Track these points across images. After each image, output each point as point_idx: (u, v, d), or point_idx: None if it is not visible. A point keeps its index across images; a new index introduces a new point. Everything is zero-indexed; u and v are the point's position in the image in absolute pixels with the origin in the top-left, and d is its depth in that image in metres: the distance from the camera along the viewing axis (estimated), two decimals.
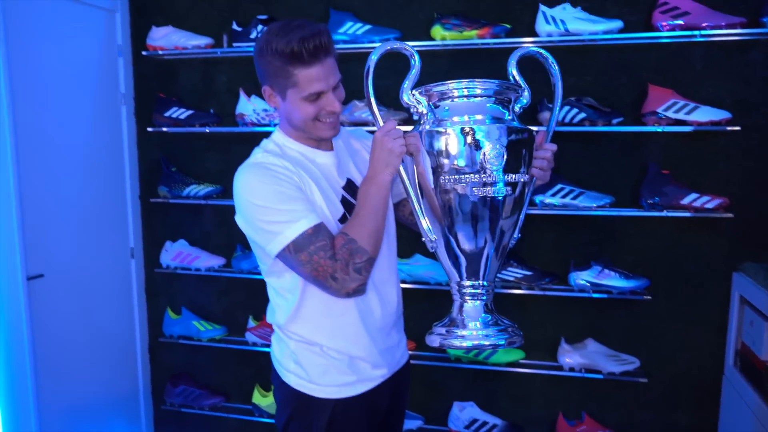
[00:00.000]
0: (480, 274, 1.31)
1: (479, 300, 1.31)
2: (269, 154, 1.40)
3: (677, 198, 2.18)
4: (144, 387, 2.82)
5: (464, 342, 1.28)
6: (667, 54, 2.21)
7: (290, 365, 1.47)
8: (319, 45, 1.28)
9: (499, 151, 1.24)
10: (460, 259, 1.31)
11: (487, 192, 1.25)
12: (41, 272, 2.17)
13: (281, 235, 1.30)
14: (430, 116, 1.31)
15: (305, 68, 1.29)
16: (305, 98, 1.32)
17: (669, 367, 2.33)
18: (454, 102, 1.30)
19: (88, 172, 2.49)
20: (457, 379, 2.52)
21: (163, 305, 2.77)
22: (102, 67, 2.56)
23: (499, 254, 1.33)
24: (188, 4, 2.60)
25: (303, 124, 1.38)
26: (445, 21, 2.29)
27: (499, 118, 1.28)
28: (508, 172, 1.26)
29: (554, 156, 1.37)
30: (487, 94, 1.29)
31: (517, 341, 1.29)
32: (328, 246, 1.31)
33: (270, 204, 1.31)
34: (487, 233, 1.29)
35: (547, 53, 1.34)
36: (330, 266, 1.30)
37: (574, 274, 2.29)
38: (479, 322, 1.30)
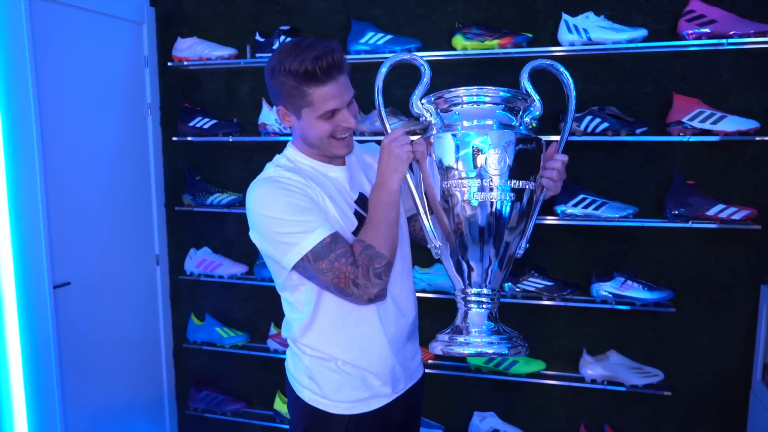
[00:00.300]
0: (484, 282, 1.31)
1: (483, 308, 1.31)
2: (281, 169, 1.42)
3: (703, 209, 2.14)
4: (168, 391, 2.86)
5: (467, 349, 1.28)
6: (693, 62, 2.17)
7: (304, 380, 1.47)
8: (333, 63, 1.29)
9: (501, 155, 1.25)
10: (464, 266, 1.32)
11: (488, 197, 1.26)
12: (68, 280, 2.22)
13: (298, 245, 1.31)
14: (437, 122, 1.34)
15: (320, 87, 1.30)
16: (321, 116, 1.34)
17: (694, 380, 2.29)
18: (463, 108, 1.32)
19: (115, 181, 2.55)
20: (477, 388, 2.51)
21: (188, 311, 2.81)
22: (129, 78, 2.62)
23: (504, 263, 1.33)
24: (213, 15, 2.64)
25: (319, 142, 1.39)
26: (467, 30, 2.29)
27: (506, 125, 1.29)
28: (513, 179, 1.26)
29: (565, 167, 1.36)
30: (495, 101, 1.30)
31: (522, 351, 1.28)
32: (348, 252, 1.32)
33: (284, 216, 1.32)
34: (491, 241, 1.29)
35: (559, 65, 1.34)
36: (352, 272, 1.31)
37: (597, 285, 2.26)
38: (483, 329, 1.29)
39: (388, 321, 1.47)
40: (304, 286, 1.42)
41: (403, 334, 1.52)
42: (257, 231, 1.39)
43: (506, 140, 1.26)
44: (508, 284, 2.34)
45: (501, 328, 1.32)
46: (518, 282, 2.33)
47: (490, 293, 1.32)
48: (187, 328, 2.77)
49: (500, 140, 1.25)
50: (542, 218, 2.28)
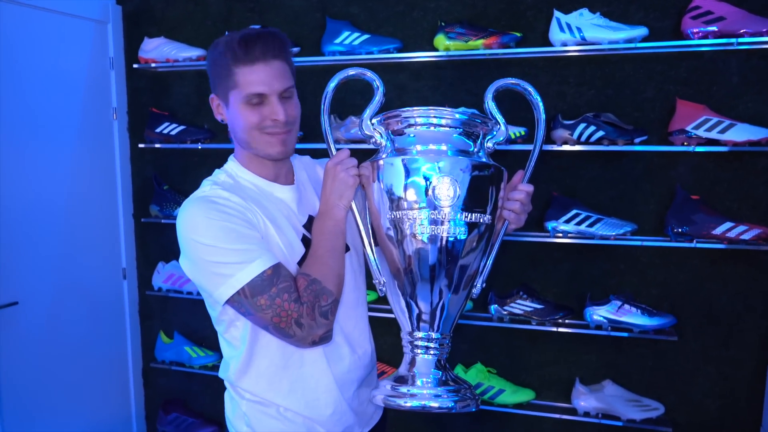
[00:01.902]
0: (433, 326, 1.17)
1: (431, 354, 1.17)
2: (218, 187, 1.24)
3: (708, 227, 1.93)
4: (137, 413, 2.70)
5: (409, 401, 1.13)
6: (699, 64, 1.96)
7: (242, 427, 1.30)
8: (264, 43, 1.17)
9: (452, 185, 1.10)
10: (412, 306, 1.17)
11: (437, 231, 1.12)
12: (15, 300, 2.06)
13: (233, 277, 1.13)
14: (388, 146, 1.19)
15: (246, 67, 1.17)
16: (246, 102, 1.18)
17: (698, 415, 2.08)
18: (417, 130, 1.17)
19: (78, 190, 2.38)
20: (461, 418, 2.32)
21: (157, 329, 2.65)
22: (93, 81, 2.45)
23: (456, 304, 1.18)
24: (182, 14, 2.47)
25: (248, 136, 1.22)
26: (449, 30, 2.09)
27: (463, 151, 1.14)
28: (467, 211, 1.11)
29: (530, 199, 1.22)
30: (452, 124, 1.15)
31: (471, 405, 1.14)
32: (292, 287, 1.15)
33: (219, 243, 1.14)
34: (442, 280, 1.14)
35: (527, 85, 1.20)
36: (295, 310, 1.14)
37: (590, 309, 2.06)
38: (429, 379, 1.15)
39: (337, 361, 1.29)
40: (240, 322, 1.24)
41: (356, 375, 1.34)
42: (187, 258, 1.20)
43: (460, 168, 1.11)
44: (494, 306, 2.14)
45: (450, 377, 1.17)
46: (505, 304, 2.13)
47: (439, 338, 1.17)
48: (156, 347, 2.60)
49: (453, 168, 1.11)
50: (532, 235, 2.09)
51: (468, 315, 2.20)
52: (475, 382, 2.19)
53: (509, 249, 2.18)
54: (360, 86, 2.31)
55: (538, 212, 2.12)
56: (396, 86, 2.23)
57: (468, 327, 2.25)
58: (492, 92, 1.20)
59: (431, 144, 1.15)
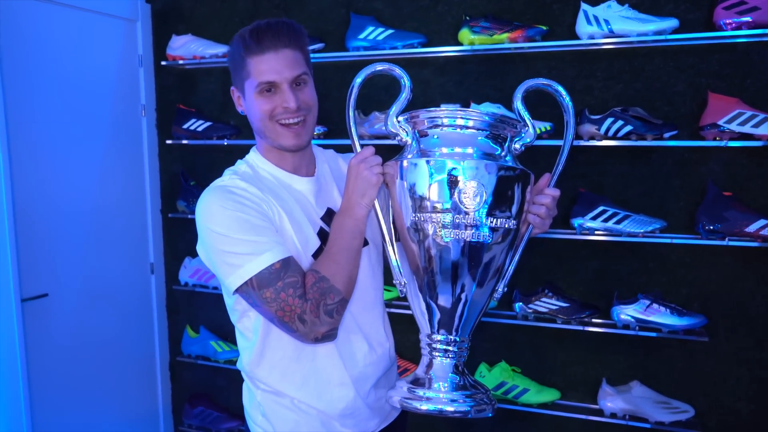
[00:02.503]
0: (453, 328, 1.16)
1: (449, 358, 1.16)
2: (237, 177, 1.25)
3: (741, 224, 1.87)
4: (164, 406, 2.73)
5: (425, 405, 1.12)
6: (733, 57, 1.90)
7: (258, 417, 1.31)
8: (274, 33, 1.19)
9: (478, 189, 1.08)
10: (432, 308, 1.16)
11: (461, 235, 1.10)
12: (45, 292, 2.10)
13: (242, 268, 1.14)
14: (414, 146, 1.17)
15: (257, 56, 1.19)
16: (258, 91, 1.20)
17: (729, 419, 2.02)
18: (442, 131, 1.15)
19: (107, 186, 2.43)
20: (486, 418, 2.28)
21: (184, 323, 2.68)
22: (122, 78, 2.50)
23: (477, 308, 1.17)
24: (209, 11, 2.50)
25: (262, 126, 1.24)
26: (474, 24, 2.07)
27: (489, 154, 1.12)
28: (492, 215, 1.09)
29: (556, 203, 1.20)
30: (479, 126, 1.13)
31: (486, 410, 1.13)
32: (298, 283, 1.15)
33: (231, 233, 1.15)
34: (463, 282, 1.13)
35: (558, 86, 1.17)
36: (299, 306, 1.14)
37: (618, 308, 2.01)
38: (446, 383, 1.14)
39: (352, 357, 1.29)
40: (253, 313, 1.25)
41: (372, 371, 1.33)
42: (202, 245, 1.23)
43: (486, 172, 1.09)
44: (519, 304, 2.11)
45: (467, 381, 1.16)
46: (530, 302, 2.10)
47: (458, 341, 1.16)
48: (182, 341, 2.63)
49: (479, 172, 1.09)
50: (558, 232, 2.05)
51: (492, 313, 2.17)
52: (499, 381, 2.17)
53: (535, 247, 2.14)
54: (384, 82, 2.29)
55: (564, 209, 2.08)
56: (420, 81, 2.21)
57: (492, 325, 2.22)
58: (521, 92, 1.18)
59: (457, 146, 1.13)
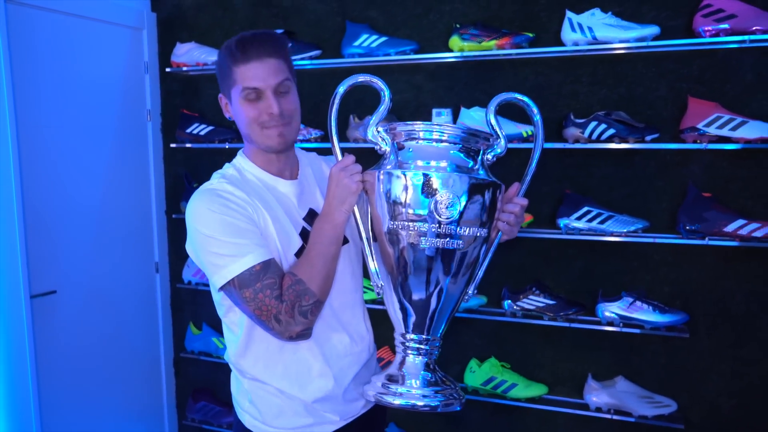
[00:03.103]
0: (425, 329, 1.24)
1: (421, 356, 1.25)
2: (225, 181, 1.32)
3: (720, 224, 1.93)
4: (168, 401, 2.83)
5: (398, 399, 1.21)
6: (712, 62, 1.97)
7: (245, 404, 1.39)
8: (260, 43, 1.26)
9: (452, 200, 1.17)
10: (407, 309, 1.24)
11: (436, 243, 1.18)
12: (53, 288, 2.20)
13: (225, 269, 1.23)
14: (392, 157, 1.25)
15: (243, 64, 1.26)
16: (244, 97, 1.27)
17: (711, 413, 2.08)
18: (419, 144, 1.23)
19: (114, 187, 2.53)
20: (475, 411, 2.36)
21: (187, 320, 2.77)
22: (129, 84, 2.60)
23: (447, 310, 1.26)
24: (212, 20, 2.59)
25: (249, 130, 1.31)
26: (464, 31, 2.14)
27: (462, 167, 1.20)
28: (465, 224, 1.18)
29: (524, 211, 1.29)
30: (453, 140, 1.21)
31: (455, 404, 1.21)
32: (276, 284, 1.23)
33: (217, 235, 1.24)
34: (436, 286, 1.22)
35: (528, 100, 1.25)
36: (274, 306, 1.22)
37: (602, 305, 2.08)
38: (418, 380, 1.22)
39: (332, 349, 1.37)
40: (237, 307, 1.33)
41: (354, 363, 1.41)
42: (191, 244, 1.31)
43: (459, 185, 1.18)
44: (508, 302, 2.18)
45: (438, 378, 1.25)
46: (518, 299, 2.17)
47: (430, 340, 1.25)
48: (186, 338, 2.73)
49: (452, 184, 1.17)
50: (545, 232, 2.12)
51: (482, 310, 2.24)
52: (488, 376, 2.24)
53: (522, 246, 2.22)
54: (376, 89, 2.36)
55: (550, 209, 2.15)
56: (413, 86, 2.29)
57: (482, 322, 2.30)
58: (494, 106, 1.25)
59: (432, 159, 1.20)
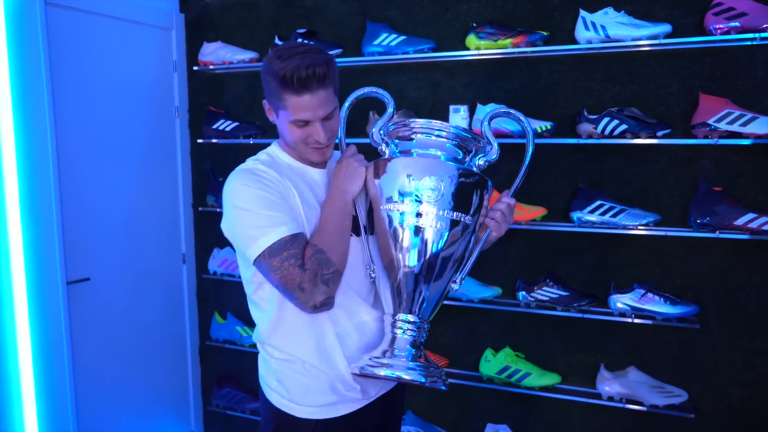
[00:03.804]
0: (413, 310, 1.34)
1: (408, 335, 1.34)
2: (259, 162, 1.43)
3: (731, 218, 1.97)
4: (194, 388, 2.94)
5: (384, 371, 1.30)
6: (724, 60, 2.01)
7: (273, 383, 1.47)
8: (312, 76, 1.28)
9: (436, 184, 1.28)
10: (396, 291, 1.34)
11: (420, 223, 1.29)
12: (87, 276, 2.32)
13: (260, 240, 1.31)
14: (392, 147, 1.40)
15: (295, 96, 1.30)
16: (293, 123, 1.34)
17: (722, 403, 2.12)
18: (418, 138, 1.37)
19: (144, 181, 2.64)
20: (491, 400, 2.43)
21: (212, 310, 2.88)
22: (158, 82, 2.71)
23: (435, 294, 1.36)
24: (238, 20, 2.69)
25: (294, 145, 1.41)
26: (480, 30, 2.21)
27: (453, 158, 1.34)
28: (447, 207, 1.29)
29: (512, 211, 1.41)
30: (448, 137, 1.35)
31: (440, 383, 1.31)
32: (299, 254, 1.31)
33: (253, 208, 1.32)
34: (422, 269, 1.32)
35: (519, 114, 1.40)
36: (298, 275, 1.30)
37: (614, 296, 2.13)
38: (405, 355, 1.33)
39: (364, 326, 1.44)
40: (268, 284, 1.40)
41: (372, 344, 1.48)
42: (227, 221, 1.39)
43: (445, 170, 1.31)
44: (522, 293, 2.25)
45: (423, 356, 1.35)
46: (532, 291, 2.23)
47: (417, 321, 1.35)
48: (211, 326, 2.83)
49: (439, 169, 1.30)
50: (559, 225, 2.18)
51: (497, 301, 2.31)
52: (503, 365, 2.30)
53: (537, 238, 2.28)
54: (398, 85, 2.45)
55: (564, 203, 2.21)
56: (430, 83, 2.37)
57: (497, 312, 2.36)
58: (488, 119, 1.39)
59: (429, 148, 1.34)
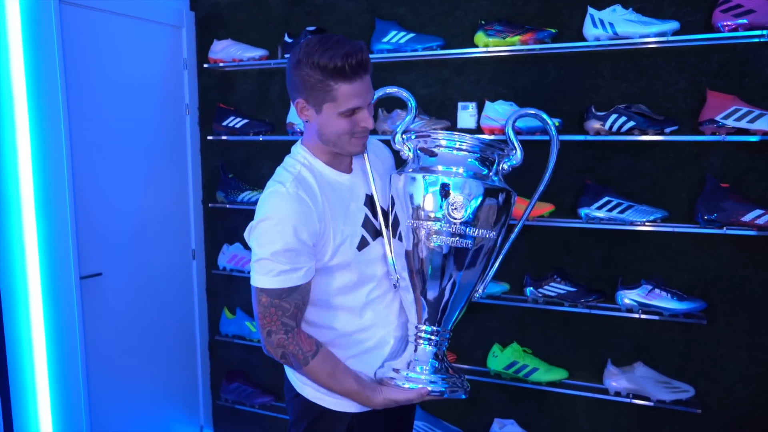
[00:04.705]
0: (436, 321, 1.38)
1: (431, 346, 1.38)
2: (300, 187, 1.33)
3: (738, 214, 1.98)
4: (203, 382, 2.96)
5: (407, 384, 1.35)
6: (731, 57, 2.02)
7: (307, 379, 1.46)
8: (361, 61, 1.28)
9: (464, 203, 1.31)
10: (420, 302, 1.38)
11: (448, 242, 1.32)
12: (99, 271, 2.34)
13: (264, 276, 1.31)
14: (414, 163, 1.41)
15: (346, 83, 1.28)
16: (342, 113, 1.31)
17: (728, 399, 2.13)
18: (440, 152, 1.37)
19: (154, 177, 2.67)
20: (498, 394, 2.44)
21: (222, 305, 2.91)
22: (168, 79, 2.73)
23: (458, 305, 1.39)
24: (247, 18, 2.72)
25: (336, 139, 1.35)
26: (488, 27, 2.23)
27: (477, 174, 1.34)
28: (475, 226, 1.32)
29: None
30: (471, 150, 1.35)
31: (460, 392, 1.36)
32: (290, 310, 1.33)
33: (273, 257, 1.30)
34: (447, 283, 1.35)
35: (545, 116, 1.39)
36: (276, 327, 1.33)
37: (622, 292, 2.15)
38: (427, 367, 1.37)
39: (403, 329, 1.48)
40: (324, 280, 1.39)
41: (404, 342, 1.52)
42: (253, 233, 1.35)
43: (472, 190, 1.32)
44: (530, 288, 2.26)
45: (445, 367, 1.39)
46: (540, 287, 2.25)
47: (440, 331, 1.38)
48: (220, 321, 2.86)
49: (466, 189, 1.32)
50: (566, 221, 2.19)
51: (505, 297, 2.32)
52: (510, 360, 2.32)
53: (544, 234, 2.30)
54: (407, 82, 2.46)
55: (571, 199, 2.23)
56: (439, 81, 2.38)
57: (505, 308, 2.38)
58: (512, 121, 1.38)
59: (452, 165, 1.34)
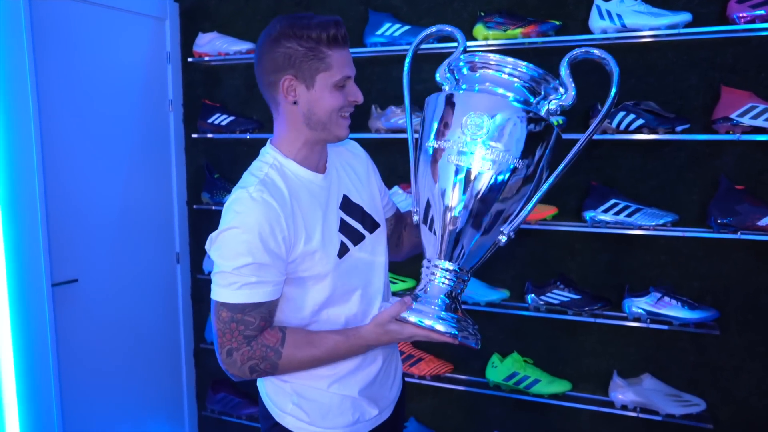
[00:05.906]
0: (452, 257, 1.23)
1: (445, 283, 1.23)
2: (267, 192, 1.21)
3: (753, 218, 1.87)
4: (188, 391, 2.83)
5: (415, 317, 1.19)
6: (747, 50, 1.91)
7: (287, 406, 1.35)
8: (345, 32, 1.24)
9: (483, 122, 1.15)
10: (437, 234, 1.23)
11: (464, 161, 1.17)
12: (75, 277, 2.21)
13: (224, 290, 1.19)
14: (456, 87, 1.27)
15: (339, 50, 1.22)
16: (336, 83, 1.22)
17: (742, 413, 2.01)
18: (485, 72, 1.22)
19: (135, 178, 2.53)
20: (497, 407, 2.32)
21: (207, 311, 2.77)
22: (151, 74, 2.59)
23: (479, 244, 1.23)
24: (234, 9, 2.58)
25: (327, 118, 1.24)
26: (488, 19, 2.10)
27: (521, 100, 1.19)
28: (496, 149, 1.15)
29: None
30: (522, 77, 1.19)
31: (472, 340, 1.19)
32: (253, 324, 1.20)
33: (238, 262, 1.18)
34: (466, 213, 1.19)
35: (608, 55, 1.19)
36: (238, 343, 1.20)
37: (629, 300, 2.03)
38: (438, 303, 1.22)
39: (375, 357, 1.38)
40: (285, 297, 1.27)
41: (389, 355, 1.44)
42: (216, 243, 1.22)
43: (502, 110, 1.16)
44: (531, 296, 2.14)
45: (458, 307, 1.23)
46: (542, 294, 2.13)
47: (456, 270, 1.23)
48: (206, 328, 2.73)
49: (495, 108, 1.16)
50: (570, 224, 2.07)
51: (505, 304, 2.20)
52: (510, 372, 2.20)
53: (547, 238, 2.17)
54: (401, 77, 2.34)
55: (576, 201, 2.11)
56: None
57: (505, 316, 2.26)
58: (568, 59, 1.20)
59: (498, 87, 1.20)
